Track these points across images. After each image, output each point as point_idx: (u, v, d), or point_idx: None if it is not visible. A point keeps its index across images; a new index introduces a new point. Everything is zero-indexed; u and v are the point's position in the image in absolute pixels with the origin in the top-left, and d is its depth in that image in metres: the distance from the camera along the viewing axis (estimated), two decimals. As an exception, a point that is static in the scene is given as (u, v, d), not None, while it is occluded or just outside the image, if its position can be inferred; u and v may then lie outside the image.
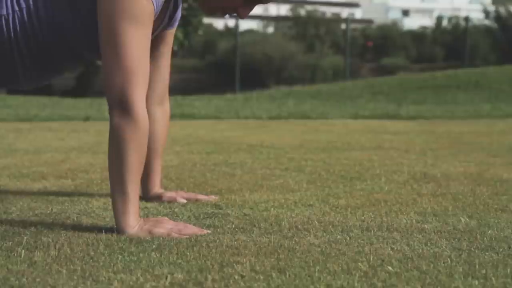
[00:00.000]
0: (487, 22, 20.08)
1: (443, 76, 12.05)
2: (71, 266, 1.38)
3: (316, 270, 1.34)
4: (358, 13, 32.70)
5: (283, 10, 24.61)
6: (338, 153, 3.63)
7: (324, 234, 1.69)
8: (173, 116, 6.90)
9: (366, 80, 12.75)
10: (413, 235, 1.68)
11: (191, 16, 15.82)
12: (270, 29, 16.27)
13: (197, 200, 2.20)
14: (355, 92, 11.14)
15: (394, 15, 32.55)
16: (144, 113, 1.70)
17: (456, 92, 10.59)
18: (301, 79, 15.10)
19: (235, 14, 1.84)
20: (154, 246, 1.55)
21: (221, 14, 1.86)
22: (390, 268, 1.36)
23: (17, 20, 1.76)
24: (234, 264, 1.39)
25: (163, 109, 2.16)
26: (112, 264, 1.40)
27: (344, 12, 28.90)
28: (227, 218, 1.90)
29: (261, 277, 1.30)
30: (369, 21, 20.30)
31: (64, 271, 1.35)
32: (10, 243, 1.57)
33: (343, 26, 19.21)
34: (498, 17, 19.18)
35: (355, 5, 33.89)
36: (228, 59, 14.40)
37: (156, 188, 2.25)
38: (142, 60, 1.68)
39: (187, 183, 2.56)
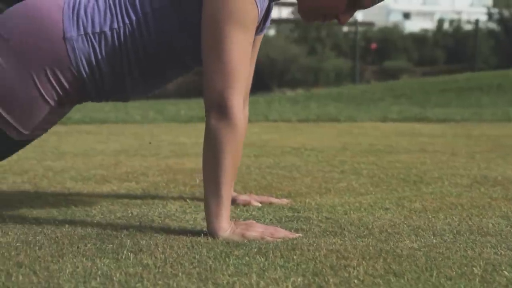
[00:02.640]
0: (489, 24, 19.94)
1: (464, 79, 12.00)
2: (184, 269, 1.39)
3: (434, 275, 1.34)
4: (359, 16, 32.61)
5: (284, 12, 24.59)
6: (386, 156, 3.63)
7: (418, 237, 1.69)
8: (203, 119, 6.94)
9: (387, 83, 12.72)
10: (508, 239, 1.68)
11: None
12: (271, 32, 16.19)
13: (270, 203, 2.21)
14: (377, 95, 11.11)
15: (395, 17, 32.45)
16: (241, 117, 1.71)
17: (480, 95, 10.55)
18: (304, 81, 15.06)
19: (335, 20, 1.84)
20: (255, 250, 1.55)
21: (322, 21, 1.86)
22: (506, 273, 1.36)
23: (127, 33, 1.76)
24: (346, 268, 1.39)
25: (244, 113, 2.16)
26: (223, 267, 1.40)
27: None
28: (310, 221, 1.90)
29: (380, 281, 1.31)
30: (370, 24, 20.24)
31: (180, 274, 1.35)
32: (111, 245, 1.58)
33: (345, 29, 19.20)
34: (501, 20, 19.05)
35: None
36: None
37: (229, 191, 2.26)
38: (243, 65, 1.69)
39: (250, 186, 2.56)
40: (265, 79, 14.01)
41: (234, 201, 2.19)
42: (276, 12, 27.12)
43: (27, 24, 1.74)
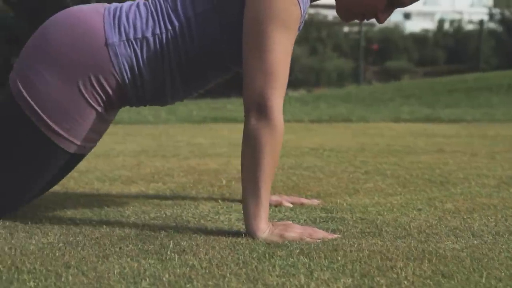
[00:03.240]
0: (490, 24, 19.83)
1: (473, 79, 11.99)
2: (231, 270, 1.39)
3: (483, 276, 1.34)
4: None
5: None
6: (406, 156, 3.63)
7: (457, 238, 1.69)
8: (216, 120, 6.94)
9: (397, 83, 12.71)
10: (549, 240, 1.68)
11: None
12: None
13: (301, 203, 2.21)
14: (386, 95, 11.10)
15: (396, 18, 32.37)
16: (281, 118, 1.70)
17: (489, 95, 10.53)
18: (306, 82, 15.03)
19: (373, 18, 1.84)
20: (297, 251, 1.55)
21: (360, 20, 1.86)
22: (556, 273, 1.36)
23: (170, 38, 1.76)
24: (393, 269, 1.39)
25: None
26: (269, 268, 1.40)
27: None
28: (345, 222, 1.90)
29: (431, 283, 1.30)
30: (370, 24, 20.21)
31: (228, 274, 1.35)
32: (153, 246, 1.58)
33: (345, 29, 19.17)
34: (503, 20, 18.95)
35: None
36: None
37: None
38: (285, 66, 1.68)
39: (277, 187, 2.56)
40: None
41: (265, 202, 2.19)
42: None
43: (69, 33, 1.74)
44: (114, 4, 1.85)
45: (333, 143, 4.49)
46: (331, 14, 19.90)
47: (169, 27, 1.77)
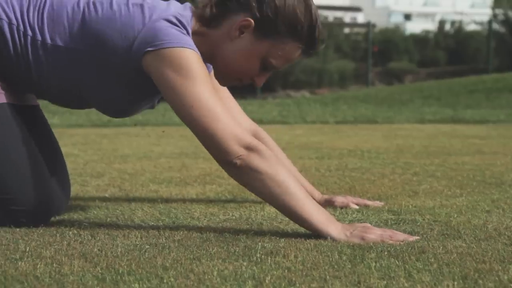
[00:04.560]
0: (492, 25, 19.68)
1: (492, 80, 11.96)
2: (329, 272, 1.38)
3: None
4: (360, 17, 32.49)
5: None
6: (447, 157, 3.61)
7: (541, 240, 1.68)
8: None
9: (414, 84, 12.69)
10: None
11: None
12: None
13: (366, 205, 2.20)
14: (404, 96, 11.09)
15: (396, 19, 32.29)
16: (250, 138, 1.73)
17: (509, 96, 10.51)
18: (308, 83, 14.99)
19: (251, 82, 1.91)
20: (385, 253, 1.54)
21: (238, 84, 1.92)
22: None
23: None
24: (492, 272, 1.38)
25: (260, 135, 2.20)
26: (366, 270, 1.39)
27: (347, 17, 28.79)
28: (419, 224, 1.89)
29: (536, 285, 1.30)
30: (371, 25, 20.18)
31: (328, 277, 1.35)
32: (238, 248, 1.57)
33: (346, 30, 19.14)
34: (506, 20, 18.79)
35: (357, 9, 33.68)
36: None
37: (316, 194, 2.25)
38: (209, 110, 1.70)
39: (334, 188, 2.55)
40: (269, 81, 14.02)
41: (331, 203, 2.18)
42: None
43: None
44: None
45: (368, 144, 4.48)
46: (332, 15, 19.83)
47: (29, 33, 1.80)
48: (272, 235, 1.73)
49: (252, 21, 1.79)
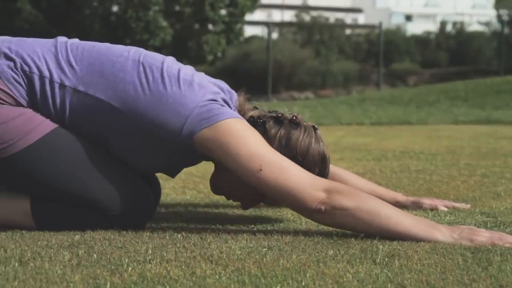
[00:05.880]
0: (491, 26, 19.46)
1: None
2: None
3: None
4: (361, 19, 32.37)
5: (287, 16, 24.57)
6: (507, 158, 3.59)
7: None
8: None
9: (440, 85, 12.64)
10: None
11: (232, 23, 15.74)
12: (274, 35, 15.98)
13: (453, 207, 2.18)
14: (431, 97, 11.04)
15: (397, 20, 32.12)
16: (323, 180, 1.74)
17: (536, 96, 10.44)
18: (312, 84, 14.96)
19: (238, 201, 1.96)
20: (498, 258, 1.52)
21: (227, 197, 1.96)
22: None
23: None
24: None
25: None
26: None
27: (348, 18, 28.76)
28: (519, 226, 1.88)
29: None
30: (372, 27, 20.05)
31: (466, 280, 1.33)
32: (355, 251, 1.56)
33: (347, 31, 19.09)
34: (509, 21, 18.59)
35: (358, 10, 33.60)
36: (236, 66, 14.23)
37: (399, 197, 2.23)
38: (279, 156, 1.74)
39: (410, 190, 2.53)
40: (273, 82, 13.94)
41: (419, 205, 2.16)
42: (279, 15, 27.12)
43: None
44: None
45: (415, 145, 4.45)
46: (333, 16, 19.83)
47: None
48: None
49: None
